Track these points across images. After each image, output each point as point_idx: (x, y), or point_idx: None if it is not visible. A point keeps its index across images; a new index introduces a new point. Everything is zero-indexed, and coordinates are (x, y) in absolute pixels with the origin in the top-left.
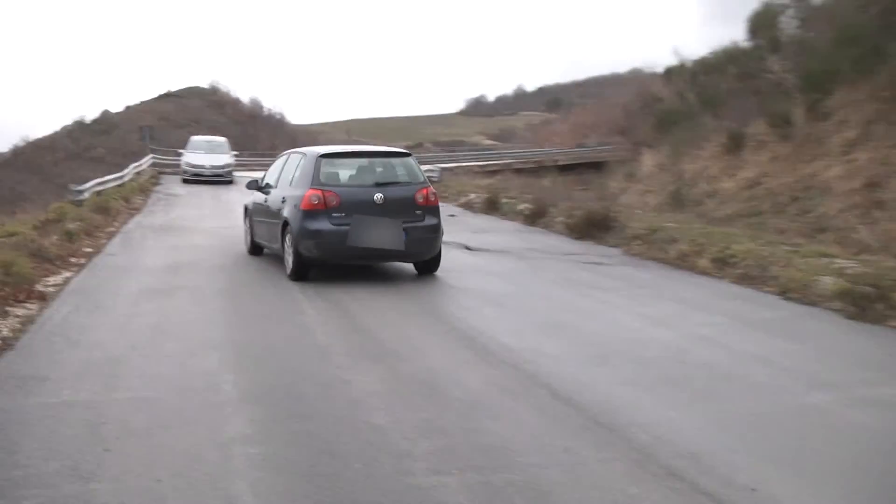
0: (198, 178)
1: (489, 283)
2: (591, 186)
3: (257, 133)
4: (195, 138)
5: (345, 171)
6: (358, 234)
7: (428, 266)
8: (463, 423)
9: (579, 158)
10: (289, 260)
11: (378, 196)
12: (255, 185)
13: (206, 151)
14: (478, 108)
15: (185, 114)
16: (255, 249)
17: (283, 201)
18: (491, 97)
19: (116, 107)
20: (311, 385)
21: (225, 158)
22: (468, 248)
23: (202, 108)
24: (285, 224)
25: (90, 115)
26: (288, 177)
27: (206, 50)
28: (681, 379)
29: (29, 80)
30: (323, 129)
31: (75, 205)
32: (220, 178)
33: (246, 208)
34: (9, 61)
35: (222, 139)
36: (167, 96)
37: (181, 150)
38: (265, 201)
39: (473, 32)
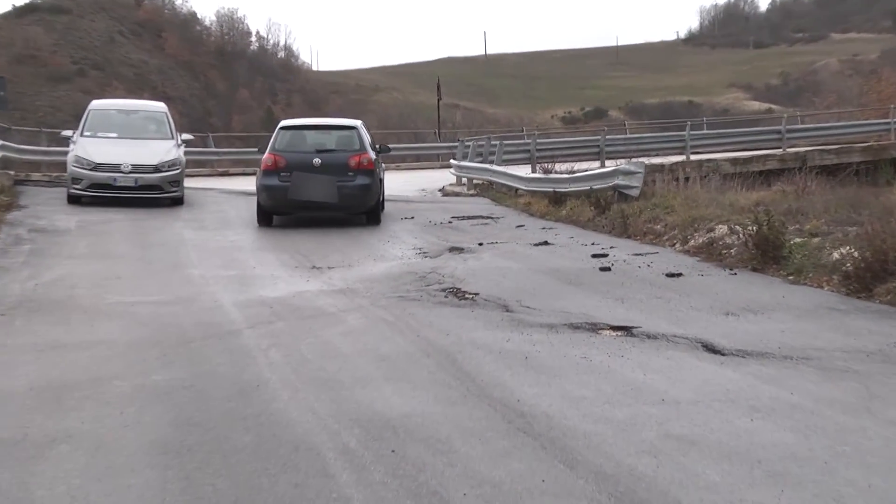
0: (104, 192)
1: (761, 430)
2: None
3: (237, 90)
4: (98, 106)
5: (298, 140)
6: (297, 188)
7: (368, 218)
8: None
9: None
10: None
11: (316, 160)
12: (264, 148)
13: (123, 135)
14: (727, 30)
15: (75, 49)
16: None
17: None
18: (761, 4)
19: None
20: None
21: (163, 150)
22: (712, 350)
23: (112, 37)
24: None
25: None
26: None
27: None
28: None
29: None
30: (381, 81)
31: None
32: (152, 193)
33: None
34: None
35: (157, 107)
36: (32, 11)
37: (67, 132)
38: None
39: None
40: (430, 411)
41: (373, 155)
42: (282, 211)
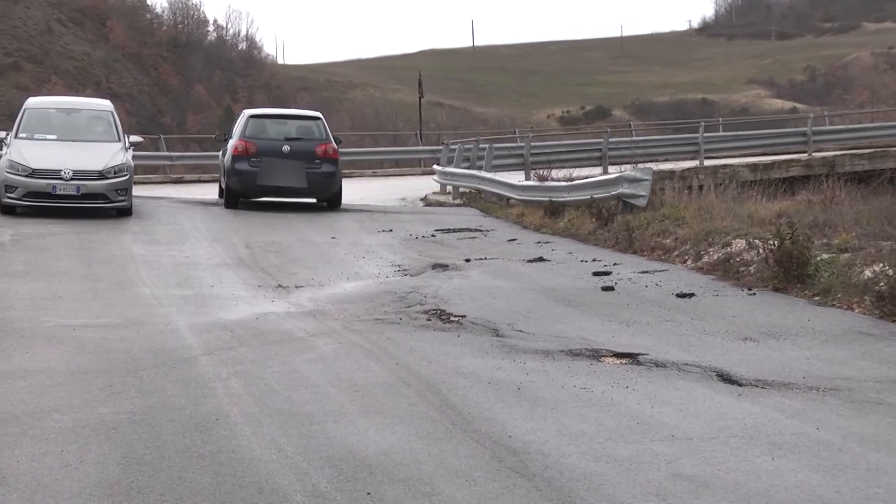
0: (42, 201)
1: (783, 470)
2: None
3: (193, 86)
4: (35, 104)
5: (265, 128)
6: (266, 174)
7: (329, 204)
8: None
9: None
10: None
11: (286, 147)
12: (221, 136)
13: (63, 137)
14: (747, 19)
15: (8, 40)
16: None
17: (225, 151)
18: None
19: None
20: None
21: (109, 154)
22: (729, 380)
23: (50, 26)
24: (225, 166)
25: None
26: (234, 131)
27: None
28: None
29: None
30: (355, 76)
31: None
32: (97, 203)
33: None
34: None
35: (101, 106)
36: None
37: None
38: (221, 152)
39: None
40: (410, 448)
41: (336, 145)
42: (250, 194)
